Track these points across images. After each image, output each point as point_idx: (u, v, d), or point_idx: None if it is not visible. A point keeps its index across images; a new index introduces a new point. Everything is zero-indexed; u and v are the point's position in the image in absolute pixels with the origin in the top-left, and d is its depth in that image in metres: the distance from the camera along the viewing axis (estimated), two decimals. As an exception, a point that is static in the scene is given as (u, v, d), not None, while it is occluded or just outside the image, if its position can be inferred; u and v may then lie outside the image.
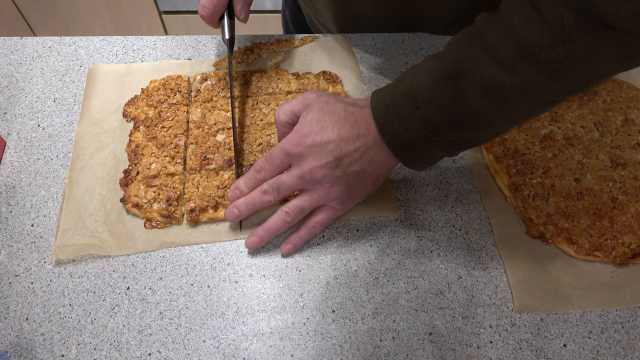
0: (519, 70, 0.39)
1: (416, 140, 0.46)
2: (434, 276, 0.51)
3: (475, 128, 0.45)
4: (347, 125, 0.48)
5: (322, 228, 0.53)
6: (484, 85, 0.41)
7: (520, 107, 0.43)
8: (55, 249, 0.51)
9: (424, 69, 0.45)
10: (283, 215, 0.51)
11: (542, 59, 0.38)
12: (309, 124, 0.48)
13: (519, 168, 0.57)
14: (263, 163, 0.51)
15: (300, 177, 0.49)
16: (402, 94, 0.46)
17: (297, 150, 0.48)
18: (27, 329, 0.47)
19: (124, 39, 0.71)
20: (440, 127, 0.44)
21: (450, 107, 0.43)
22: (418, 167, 0.51)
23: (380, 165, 0.49)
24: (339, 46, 0.70)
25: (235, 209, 0.51)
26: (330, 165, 0.48)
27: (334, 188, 0.49)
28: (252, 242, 0.51)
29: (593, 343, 0.48)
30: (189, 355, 0.46)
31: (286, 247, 0.52)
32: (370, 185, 0.51)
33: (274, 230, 0.51)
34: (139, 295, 0.49)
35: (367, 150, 0.48)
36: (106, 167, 0.57)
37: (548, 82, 0.40)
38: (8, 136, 0.60)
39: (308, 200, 0.50)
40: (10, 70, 0.67)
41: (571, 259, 0.52)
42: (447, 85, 0.43)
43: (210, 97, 0.63)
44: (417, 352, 0.47)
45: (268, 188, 0.50)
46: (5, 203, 0.55)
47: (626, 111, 0.63)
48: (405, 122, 0.45)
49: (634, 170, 0.57)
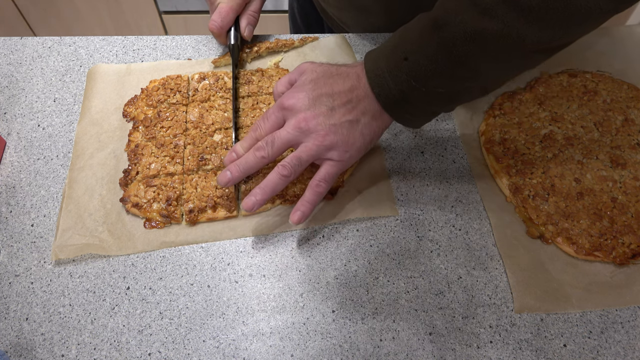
0: (500, 16, 0.41)
1: (405, 92, 0.47)
2: (434, 276, 0.51)
3: (461, 79, 0.46)
4: (339, 81, 0.50)
5: (327, 186, 0.51)
6: (467, 33, 0.43)
7: (503, 56, 0.44)
8: (55, 248, 0.51)
9: (413, 23, 0.48)
10: (279, 169, 0.49)
11: (522, 4, 0.40)
12: (302, 82, 0.51)
13: (519, 168, 0.57)
14: (259, 121, 0.51)
15: (295, 126, 0.49)
16: (391, 47, 0.48)
17: (290, 102, 0.49)
18: (27, 329, 0.47)
19: (124, 39, 0.71)
20: (427, 77, 0.46)
21: (436, 57, 0.45)
22: (410, 122, 0.51)
23: (374, 117, 0.50)
24: (339, 46, 0.70)
25: (227, 172, 0.50)
26: (324, 114, 0.49)
27: (329, 136, 0.49)
28: (248, 201, 0.49)
29: (593, 343, 0.48)
30: (189, 355, 0.46)
31: (295, 215, 0.49)
32: (368, 137, 0.51)
33: (271, 187, 0.49)
34: (139, 295, 0.49)
35: (359, 101, 0.49)
36: (106, 167, 0.57)
37: (528, 28, 0.41)
38: (8, 136, 0.60)
39: (304, 150, 0.49)
40: (10, 70, 0.67)
41: (571, 259, 0.52)
42: (432, 35, 0.45)
43: (207, 97, 0.63)
44: (417, 352, 0.47)
45: (262, 144, 0.49)
46: (5, 203, 0.55)
47: (626, 111, 0.63)
48: (395, 74, 0.47)
49: (634, 170, 0.57)
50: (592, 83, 0.65)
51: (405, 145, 0.61)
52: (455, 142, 0.61)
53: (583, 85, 0.65)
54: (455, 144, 0.61)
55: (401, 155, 0.60)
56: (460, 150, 0.61)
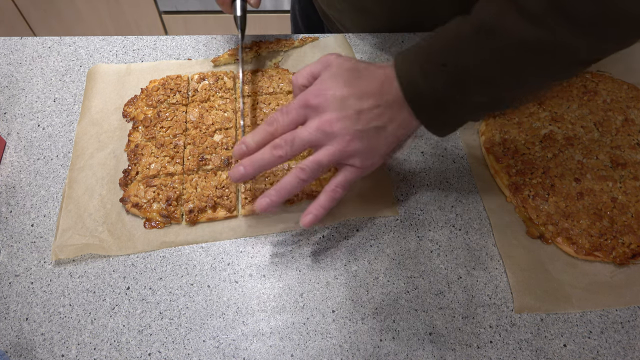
0: (550, 26, 0.39)
1: (440, 99, 0.44)
2: (434, 276, 0.51)
3: (502, 87, 0.44)
4: (368, 82, 0.46)
5: (343, 192, 0.48)
6: (515, 42, 0.41)
7: (548, 65, 0.43)
8: (55, 248, 0.51)
9: (451, 29, 0.45)
10: (298, 172, 0.46)
11: (573, 14, 0.38)
12: (329, 79, 0.46)
13: (519, 168, 0.57)
14: (277, 115, 0.47)
15: (318, 128, 0.45)
16: (427, 53, 0.45)
17: (316, 101, 0.45)
18: (27, 329, 0.47)
19: (124, 39, 0.71)
20: (467, 84, 0.43)
21: (479, 65, 0.43)
22: (439, 130, 0.48)
23: (401, 124, 0.47)
24: (339, 46, 0.70)
25: (240, 167, 0.47)
26: (351, 117, 0.45)
27: (353, 142, 0.45)
28: (262, 203, 0.47)
29: (593, 343, 0.48)
30: (189, 355, 0.46)
31: (306, 218, 0.47)
32: (392, 144, 0.48)
33: (287, 190, 0.46)
34: (139, 295, 0.49)
35: (388, 107, 0.46)
36: (106, 167, 0.57)
37: (580, 39, 0.39)
38: (8, 136, 0.60)
39: (325, 154, 0.46)
40: (10, 70, 0.67)
41: (571, 259, 0.52)
42: (476, 43, 0.42)
43: (207, 97, 0.63)
44: (417, 352, 0.47)
45: (280, 142, 0.46)
46: (5, 203, 0.55)
47: (626, 111, 0.63)
48: (430, 81, 0.44)
49: (634, 170, 0.57)
50: (592, 83, 0.65)
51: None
52: (455, 142, 0.61)
53: (583, 85, 0.65)
54: (455, 144, 0.61)
55: (401, 155, 0.60)
56: (460, 150, 0.61)
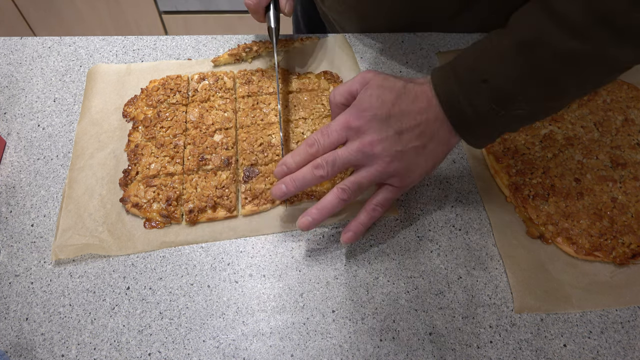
0: (592, 38, 0.39)
1: (481, 114, 0.45)
2: (434, 276, 0.51)
3: (544, 99, 0.44)
4: (407, 101, 0.47)
5: (383, 211, 0.50)
6: (556, 54, 0.41)
7: (592, 74, 0.43)
8: (55, 248, 0.51)
9: (489, 44, 0.45)
10: (339, 193, 0.47)
11: (618, 25, 0.38)
12: (369, 99, 0.47)
13: (519, 168, 0.57)
14: (317, 137, 0.48)
15: (359, 150, 0.46)
16: (466, 68, 0.45)
17: (357, 124, 0.46)
18: (27, 329, 0.47)
19: (124, 39, 0.71)
20: (510, 99, 0.44)
21: (521, 79, 0.43)
22: (478, 143, 0.49)
23: (441, 142, 0.48)
24: (339, 46, 0.70)
25: (282, 185, 0.48)
26: (391, 139, 0.46)
27: (394, 163, 0.47)
28: (304, 222, 0.48)
29: (593, 343, 0.48)
30: (189, 355, 0.46)
31: (347, 235, 0.49)
32: (430, 162, 0.49)
33: (329, 210, 0.48)
34: (139, 295, 0.49)
35: (428, 126, 0.47)
36: (106, 167, 0.57)
37: (623, 48, 0.39)
38: (8, 136, 0.60)
39: (365, 176, 0.47)
40: (10, 70, 0.67)
41: (571, 259, 0.52)
42: (517, 57, 0.42)
43: (207, 97, 0.63)
44: (417, 352, 0.47)
45: (322, 162, 0.47)
46: (5, 203, 0.55)
47: (626, 111, 0.63)
48: (471, 97, 0.44)
49: (634, 170, 0.57)
50: (592, 83, 0.65)
51: (405, 145, 0.61)
52: (455, 142, 0.61)
53: (583, 85, 0.65)
54: (455, 144, 0.61)
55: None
56: (460, 150, 0.61)
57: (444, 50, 0.70)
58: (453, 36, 0.72)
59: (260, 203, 0.54)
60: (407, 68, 0.68)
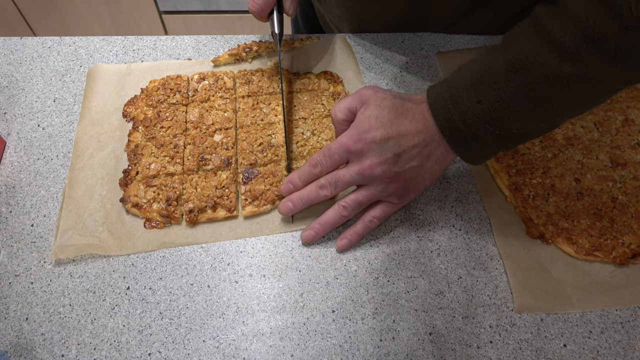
0: (584, 60, 0.39)
1: (477, 135, 0.46)
2: (434, 276, 0.51)
3: (538, 119, 0.45)
4: (405, 122, 0.48)
5: (379, 223, 0.53)
6: (548, 77, 0.41)
7: (583, 97, 0.43)
8: (55, 248, 0.51)
9: (484, 64, 0.45)
10: (340, 210, 0.51)
11: (608, 47, 0.38)
12: (367, 121, 0.49)
13: (519, 168, 0.57)
14: (320, 158, 0.51)
15: (359, 172, 0.49)
16: (461, 89, 0.46)
17: (357, 147, 0.49)
18: (27, 329, 0.47)
19: (124, 39, 0.71)
20: (503, 121, 0.44)
21: (514, 101, 0.43)
22: (475, 161, 0.50)
23: (438, 160, 0.49)
24: (339, 46, 0.70)
25: (289, 202, 0.52)
26: (390, 161, 0.48)
27: (393, 184, 0.49)
28: (307, 235, 0.52)
29: (593, 343, 0.48)
30: (189, 355, 0.46)
31: (342, 242, 0.52)
32: (428, 180, 0.51)
33: (330, 224, 0.52)
34: (139, 295, 0.49)
35: (425, 146, 0.48)
36: (106, 167, 0.57)
37: (613, 71, 0.40)
38: (8, 136, 0.60)
39: (366, 195, 0.50)
40: (10, 70, 0.67)
41: (571, 259, 0.52)
42: (510, 79, 0.43)
43: (207, 97, 0.63)
44: (417, 352, 0.47)
45: (325, 183, 0.51)
46: (5, 203, 0.55)
47: (626, 111, 0.63)
48: (466, 117, 0.45)
49: (634, 170, 0.57)
50: (592, 83, 0.65)
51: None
52: (455, 142, 0.61)
53: (583, 85, 0.65)
54: (455, 144, 0.61)
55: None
56: (460, 150, 0.61)
57: (444, 50, 0.70)
58: (453, 36, 0.72)
59: (261, 204, 0.54)
60: (407, 68, 0.68)
